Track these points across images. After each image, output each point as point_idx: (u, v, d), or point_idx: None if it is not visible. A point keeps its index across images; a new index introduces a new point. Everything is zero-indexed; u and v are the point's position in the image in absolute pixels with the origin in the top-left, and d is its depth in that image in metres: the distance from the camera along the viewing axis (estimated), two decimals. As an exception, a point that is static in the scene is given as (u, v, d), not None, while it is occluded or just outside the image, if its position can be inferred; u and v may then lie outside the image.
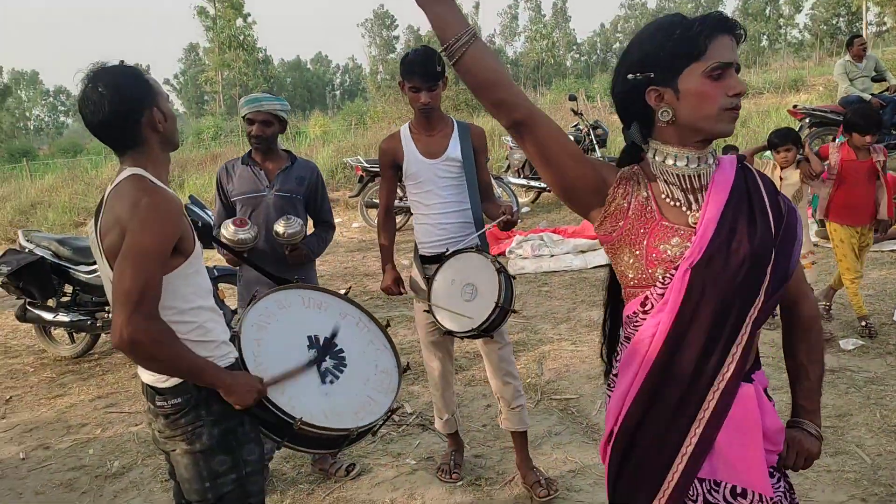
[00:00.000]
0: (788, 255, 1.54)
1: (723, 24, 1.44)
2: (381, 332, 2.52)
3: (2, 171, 22.77)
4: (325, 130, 25.52)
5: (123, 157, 1.92)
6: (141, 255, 1.76)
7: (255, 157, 3.44)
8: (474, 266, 2.94)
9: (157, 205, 1.80)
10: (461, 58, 1.47)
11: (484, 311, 2.82)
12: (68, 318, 5.51)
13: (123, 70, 1.90)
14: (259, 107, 3.29)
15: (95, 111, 1.84)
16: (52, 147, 42.45)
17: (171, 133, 1.97)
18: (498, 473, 3.46)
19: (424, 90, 3.00)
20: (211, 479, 1.95)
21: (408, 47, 74.05)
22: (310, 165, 3.55)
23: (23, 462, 4.05)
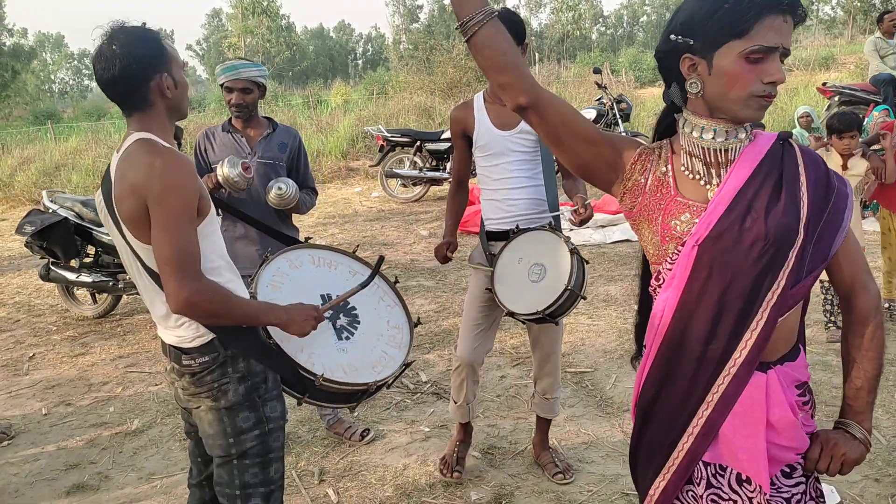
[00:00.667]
0: (828, 241, 1.46)
1: (777, 3, 1.31)
2: (390, 288, 2.54)
3: (27, 132, 22.97)
4: (346, 99, 25.45)
5: (130, 117, 1.93)
6: (173, 218, 1.77)
7: (236, 124, 3.37)
8: (545, 245, 2.78)
9: (172, 165, 1.80)
10: (472, 36, 1.45)
11: (551, 294, 2.66)
12: (90, 278, 5.58)
13: (141, 32, 1.90)
14: (237, 74, 3.21)
15: (107, 67, 1.85)
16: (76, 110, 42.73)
17: (180, 101, 1.96)
18: (510, 443, 3.48)
19: None
20: (235, 434, 1.99)
21: (431, 17, 73.42)
22: (291, 132, 3.49)
23: (45, 418, 4.14)
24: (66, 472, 3.50)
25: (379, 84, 28.79)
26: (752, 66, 1.34)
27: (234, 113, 3.32)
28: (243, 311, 1.91)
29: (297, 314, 2.00)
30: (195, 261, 1.80)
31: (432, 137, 10.45)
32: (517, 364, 4.44)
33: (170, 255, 1.76)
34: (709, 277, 1.42)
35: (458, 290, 5.97)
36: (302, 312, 2.01)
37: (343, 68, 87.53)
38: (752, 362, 1.42)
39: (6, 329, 5.84)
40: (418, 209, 9.96)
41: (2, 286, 7.25)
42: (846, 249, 1.49)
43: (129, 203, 1.82)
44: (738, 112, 1.39)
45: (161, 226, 1.78)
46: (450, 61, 20.94)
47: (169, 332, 1.99)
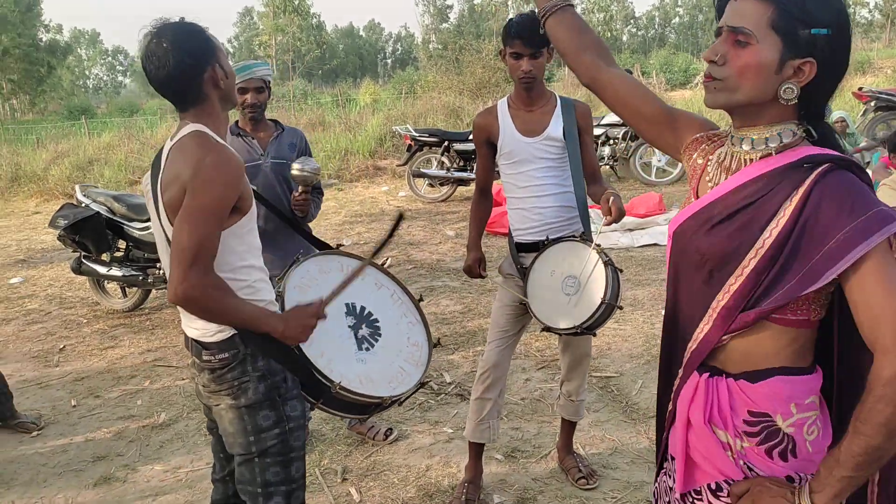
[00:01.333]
0: (786, 280, 1.28)
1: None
2: (414, 305, 2.52)
3: (61, 127, 23.40)
4: (375, 98, 25.57)
5: (185, 113, 1.93)
6: (200, 213, 1.77)
7: (245, 127, 3.37)
8: (577, 256, 2.71)
9: (220, 164, 1.80)
10: (545, 22, 1.70)
11: (588, 308, 2.61)
12: (121, 272, 5.66)
13: (186, 26, 1.91)
14: (251, 74, 3.22)
15: (161, 66, 1.85)
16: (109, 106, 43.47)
17: (231, 90, 1.98)
18: (534, 447, 3.46)
19: (526, 57, 2.72)
20: (255, 433, 1.99)
21: (460, 17, 73.45)
22: (297, 132, 3.51)
23: (74, 409, 4.20)
24: (94, 463, 3.55)
25: (408, 83, 28.87)
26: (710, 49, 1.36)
27: (248, 113, 3.31)
28: (239, 314, 1.86)
29: (294, 324, 1.92)
30: (205, 255, 1.78)
31: (460, 138, 10.43)
32: (542, 367, 4.41)
33: (186, 245, 1.75)
34: (679, 267, 1.47)
35: (483, 291, 5.95)
36: (299, 322, 1.93)
37: (372, 67, 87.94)
38: (697, 359, 1.42)
39: (38, 321, 5.94)
40: (445, 209, 9.96)
41: (35, 278, 7.39)
42: (863, 296, 1.21)
43: (173, 191, 1.83)
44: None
45: (187, 214, 1.78)
46: (479, 61, 20.92)
47: (191, 326, 2.00)
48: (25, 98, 50.51)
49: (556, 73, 28.36)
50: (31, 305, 6.41)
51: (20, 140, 19.01)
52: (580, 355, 3.05)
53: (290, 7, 49.73)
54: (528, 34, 2.69)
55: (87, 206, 5.59)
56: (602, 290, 2.60)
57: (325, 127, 15.61)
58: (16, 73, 47.94)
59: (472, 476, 3.08)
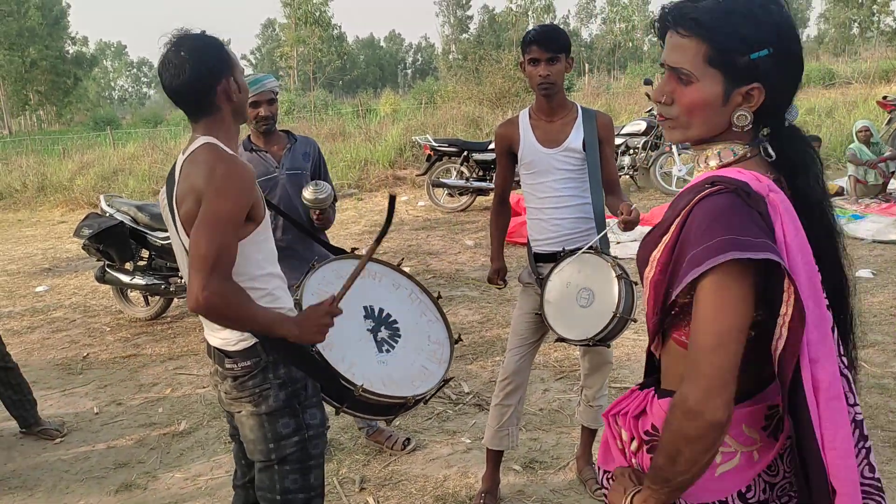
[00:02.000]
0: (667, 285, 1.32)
1: (662, 21, 1.33)
2: (433, 303, 2.53)
3: (87, 138, 23.77)
4: (395, 109, 25.69)
5: (196, 123, 1.97)
6: (216, 221, 1.80)
7: (257, 141, 3.39)
8: (592, 269, 2.72)
9: (233, 173, 1.84)
10: None
11: (600, 321, 2.61)
12: (144, 281, 5.73)
13: (205, 38, 1.94)
14: (263, 87, 3.25)
15: (176, 74, 1.89)
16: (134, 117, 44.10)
17: (243, 105, 2.02)
18: (553, 458, 3.44)
19: (544, 62, 2.71)
20: (275, 440, 2.01)
21: (480, 28, 73.71)
22: (310, 141, 3.53)
23: (96, 416, 4.25)
24: (115, 470, 3.58)
25: (427, 93, 29.02)
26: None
27: (261, 126, 3.32)
28: (259, 321, 1.89)
29: (309, 325, 1.95)
30: (224, 265, 1.81)
31: (479, 148, 10.45)
32: (561, 377, 4.39)
33: (203, 253, 1.78)
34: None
35: (502, 301, 5.95)
36: (314, 322, 1.95)
37: (392, 78, 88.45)
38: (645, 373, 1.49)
39: (62, 329, 6.02)
40: (464, 219, 9.97)
41: (60, 287, 7.50)
42: (693, 320, 1.22)
43: (188, 204, 1.86)
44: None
45: (203, 222, 1.80)
46: (499, 71, 20.94)
47: (214, 335, 2.02)
48: (52, 109, 51.47)
49: (575, 83, 28.34)
50: (56, 314, 6.50)
51: (47, 150, 19.33)
52: (600, 362, 3.05)
53: (312, 19, 50.14)
54: (544, 39, 2.71)
55: (111, 215, 5.66)
56: (615, 302, 2.61)
57: (345, 137, 15.72)
58: (43, 84, 48.88)
59: (489, 486, 3.08)
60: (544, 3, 65.06)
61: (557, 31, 2.78)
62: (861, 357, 4.25)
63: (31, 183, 13.62)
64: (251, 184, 1.88)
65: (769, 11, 1.24)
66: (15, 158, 16.69)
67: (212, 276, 1.78)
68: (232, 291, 1.83)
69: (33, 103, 50.24)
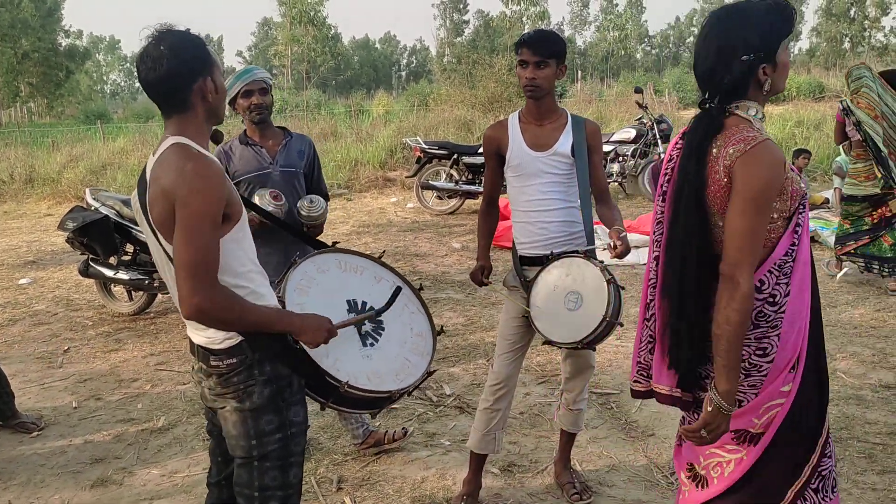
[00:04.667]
0: None
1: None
2: (414, 295, 2.54)
3: (77, 131, 23.62)
4: (387, 110, 25.66)
5: (168, 119, 1.96)
6: (194, 223, 1.79)
7: (253, 136, 3.37)
8: (580, 273, 2.73)
9: (201, 170, 1.83)
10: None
11: (589, 324, 2.63)
12: (128, 276, 5.69)
13: (187, 36, 1.93)
14: (253, 76, 3.24)
15: (152, 68, 1.87)
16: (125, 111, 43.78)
17: (218, 106, 2.00)
18: (531, 462, 3.45)
19: (532, 65, 2.73)
20: (258, 437, 2.00)
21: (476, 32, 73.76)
22: (305, 139, 3.51)
23: (75, 411, 4.22)
24: (92, 465, 3.56)
25: (420, 96, 28.96)
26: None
27: (254, 117, 3.30)
28: (255, 318, 1.92)
29: (312, 325, 2.01)
30: (211, 268, 1.82)
31: (469, 151, 10.46)
32: (542, 382, 4.40)
33: (186, 260, 1.79)
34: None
35: (487, 304, 5.95)
36: (317, 324, 2.02)
37: (386, 79, 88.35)
38: None
39: (44, 322, 5.98)
40: (452, 221, 9.98)
41: (43, 280, 7.45)
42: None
43: (161, 206, 1.85)
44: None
45: (182, 229, 1.80)
46: (492, 76, 20.97)
47: (198, 333, 2.02)
48: (43, 101, 51.04)
49: (567, 90, 28.43)
50: (39, 307, 6.46)
51: (36, 143, 19.19)
52: (582, 366, 3.05)
53: (307, 18, 50.07)
54: (535, 42, 2.73)
55: (96, 209, 5.63)
56: (604, 306, 2.62)
57: (336, 137, 15.70)
58: (35, 76, 48.48)
59: (470, 489, 3.08)
60: (539, 9, 65.23)
61: (550, 37, 2.79)
62: (840, 368, 4.31)
63: (19, 175, 13.51)
64: (221, 180, 1.87)
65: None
66: (3, 150, 16.57)
67: (200, 281, 1.79)
68: (222, 296, 1.84)
69: (24, 95, 49.78)
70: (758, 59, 1.79)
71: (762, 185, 1.73)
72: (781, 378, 1.86)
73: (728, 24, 1.82)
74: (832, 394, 4.02)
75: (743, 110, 1.84)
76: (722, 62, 1.81)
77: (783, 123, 14.67)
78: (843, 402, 3.93)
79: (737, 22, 1.81)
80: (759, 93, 1.84)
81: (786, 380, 1.86)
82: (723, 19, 1.84)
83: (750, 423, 1.90)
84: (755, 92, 1.84)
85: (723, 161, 1.77)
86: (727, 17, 1.83)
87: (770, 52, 1.80)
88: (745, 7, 1.83)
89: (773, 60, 1.81)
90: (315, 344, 2.02)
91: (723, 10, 1.87)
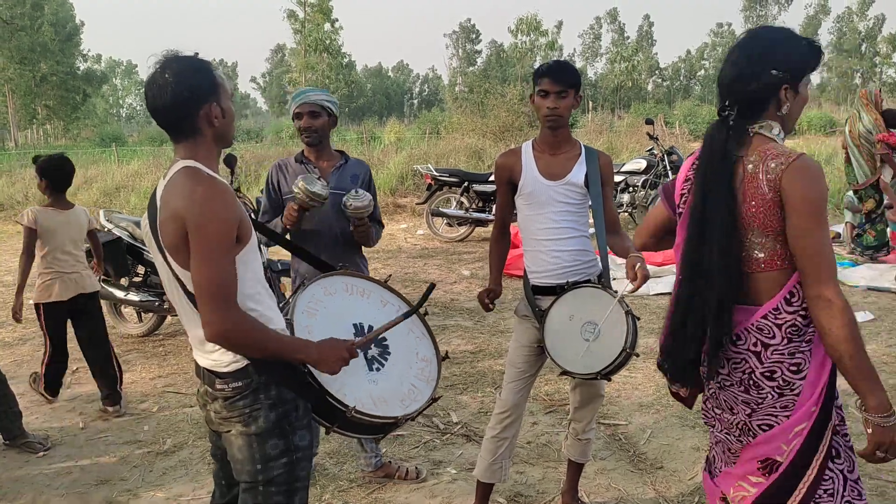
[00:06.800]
0: None
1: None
2: (420, 320, 2.53)
3: (93, 153, 23.89)
4: (399, 137, 25.85)
5: (177, 144, 1.98)
6: (210, 248, 1.81)
7: (309, 155, 3.38)
8: (598, 304, 2.72)
9: (212, 194, 1.84)
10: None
11: (609, 355, 2.63)
12: (138, 297, 5.72)
13: (193, 62, 1.95)
14: (305, 98, 3.26)
15: (158, 95, 1.91)
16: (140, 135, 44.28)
17: (226, 129, 2.01)
18: (538, 492, 3.41)
19: (553, 94, 2.76)
20: (263, 461, 2.00)
21: (488, 62, 74.55)
22: (362, 164, 3.49)
23: (82, 431, 4.22)
24: (97, 486, 3.55)
25: (432, 124, 29.20)
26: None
27: (303, 138, 3.32)
28: (276, 346, 1.94)
29: (329, 353, 2.01)
30: (231, 291, 1.84)
31: (480, 179, 10.52)
32: (550, 411, 4.37)
33: (206, 285, 1.81)
34: None
35: (495, 332, 5.94)
36: (334, 351, 2.02)
37: (399, 107, 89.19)
38: None
39: (54, 341, 5.98)
40: (462, 249, 9.99)
41: (54, 300, 7.46)
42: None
43: (171, 229, 1.87)
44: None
45: (199, 254, 1.82)
46: (503, 105, 21.13)
47: (205, 356, 2.02)
48: (59, 124, 51.74)
49: (579, 120, 28.59)
50: (49, 326, 6.46)
51: (51, 164, 19.39)
52: (592, 395, 3.03)
53: (322, 46, 50.64)
54: (556, 72, 2.76)
55: (109, 230, 5.68)
56: (623, 337, 2.62)
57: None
58: (52, 99, 49.22)
59: None
60: (548, 39, 65.84)
61: (569, 67, 2.84)
62: (852, 404, 4.25)
63: (34, 195, 13.65)
64: (233, 201, 1.89)
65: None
66: (19, 171, 16.77)
67: (221, 306, 1.81)
68: (244, 318, 1.87)
69: (41, 117, 50.52)
70: (784, 78, 1.82)
71: (819, 196, 1.74)
72: (813, 399, 1.82)
73: (765, 38, 1.87)
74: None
75: (767, 129, 1.86)
76: (752, 69, 1.84)
77: (794, 157, 14.65)
78: (855, 439, 3.86)
79: (774, 38, 1.86)
80: (777, 114, 1.86)
81: (816, 400, 1.82)
82: (760, 34, 1.90)
83: (779, 451, 1.85)
84: (774, 112, 1.86)
85: (764, 175, 1.77)
86: (766, 32, 1.90)
87: (796, 77, 1.84)
88: (784, 29, 1.90)
89: (796, 86, 1.85)
90: (333, 372, 2.02)
91: (762, 27, 1.93)
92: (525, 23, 64.21)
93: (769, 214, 1.78)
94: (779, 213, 1.77)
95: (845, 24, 68.96)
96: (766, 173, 1.77)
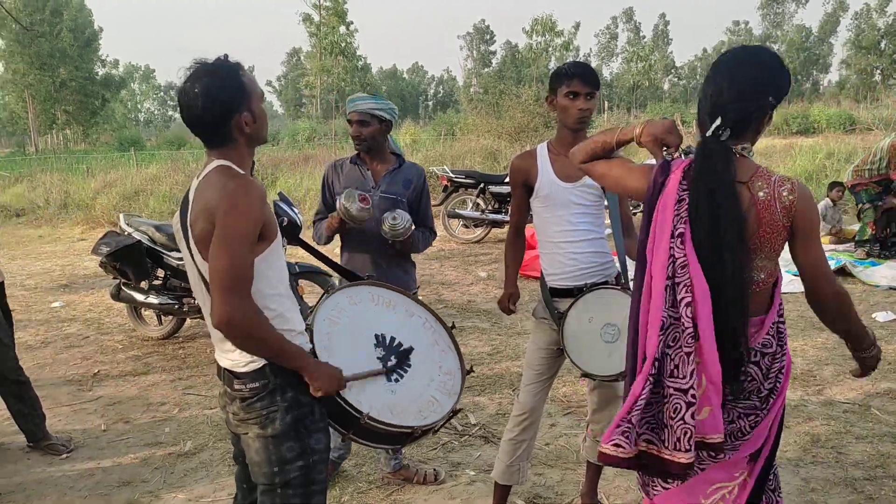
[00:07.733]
0: None
1: None
2: (446, 333, 2.53)
3: (111, 158, 24.15)
4: (414, 139, 25.90)
5: (211, 150, 2.03)
6: (231, 238, 1.85)
7: (364, 157, 3.39)
8: (617, 304, 2.72)
9: (242, 189, 1.89)
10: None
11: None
12: (158, 300, 5.77)
13: (221, 71, 1.97)
14: (354, 107, 3.26)
15: (190, 107, 1.96)
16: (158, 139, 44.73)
17: (258, 132, 2.05)
18: (556, 494, 3.41)
19: (583, 96, 2.75)
20: (279, 464, 2.02)
21: (503, 63, 74.44)
22: (417, 169, 3.46)
23: (103, 433, 4.27)
24: (119, 488, 3.59)
25: (447, 125, 29.22)
26: None
27: (355, 145, 3.35)
28: (278, 345, 1.96)
29: (326, 373, 2.04)
30: (245, 282, 1.87)
31: (496, 180, 10.52)
32: (568, 413, 4.36)
33: (222, 270, 1.83)
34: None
35: (513, 333, 5.93)
36: (330, 373, 2.05)
37: (414, 109, 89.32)
38: None
39: (76, 345, 6.08)
40: (478, 250, 9.99)
41: (75, 303, 7.58)
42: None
43: (202, 224, 1.91)
44: None
45: (219, 240, 1.86)
46: (518, 106, 21.13)
47: (224, 356, 2.05)
48: (79, 129, 52.35)
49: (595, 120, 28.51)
50: (70, 330, 6.56)
51: (71, 169, 19.67)
52: (610, 397, 3.02)
53: (337, 49, 50.77)
54: (585, 73, 2.77)
55: (129, 234, 5.73)
56: None
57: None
58: (71, 104, 49.87)
59: None
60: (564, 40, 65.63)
61: (593, 68, 2.86)
62: (874, 405, 4.22)
63: (54, 200, 13.86)
64: (262, 200, 1.93)
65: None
66: (39, 176, 16.99)
67: (231, 292, 1.84)
68: (252, 310, 1.89)
69: (60, 122, 51.19)
70: (773, 105, 1.90)
71: (818, 217, 1.92)
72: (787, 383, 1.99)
73: (766, 63, 1.90)
74: (866, 431, 3.93)
75: (747, 151, 1.92)
76: (753, 95, 1.87)
77: (813, 155, 14.54)
78: (878, 440, 3.84)
79: (773, 65, 1.90)
80: (753, 137, 1.93)
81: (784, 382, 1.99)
82: (762, 57, 1.91)
83: (759, 443, 1.98)
84: (752, 135, 1.93)
85: (778, 203, 1.83)
86: (766, 57, 1.92)
87: (777, 104, 1.91)
88: (777, 56, 1.94)
89: (772, 114, 1.93)
90: (324, 392, 2.04)
91: (763, 50, 1.94)
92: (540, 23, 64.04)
93: (777, 239, 1.87)
94: (784, 237, 1.87)
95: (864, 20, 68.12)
96: (779, 200, 1.83)
